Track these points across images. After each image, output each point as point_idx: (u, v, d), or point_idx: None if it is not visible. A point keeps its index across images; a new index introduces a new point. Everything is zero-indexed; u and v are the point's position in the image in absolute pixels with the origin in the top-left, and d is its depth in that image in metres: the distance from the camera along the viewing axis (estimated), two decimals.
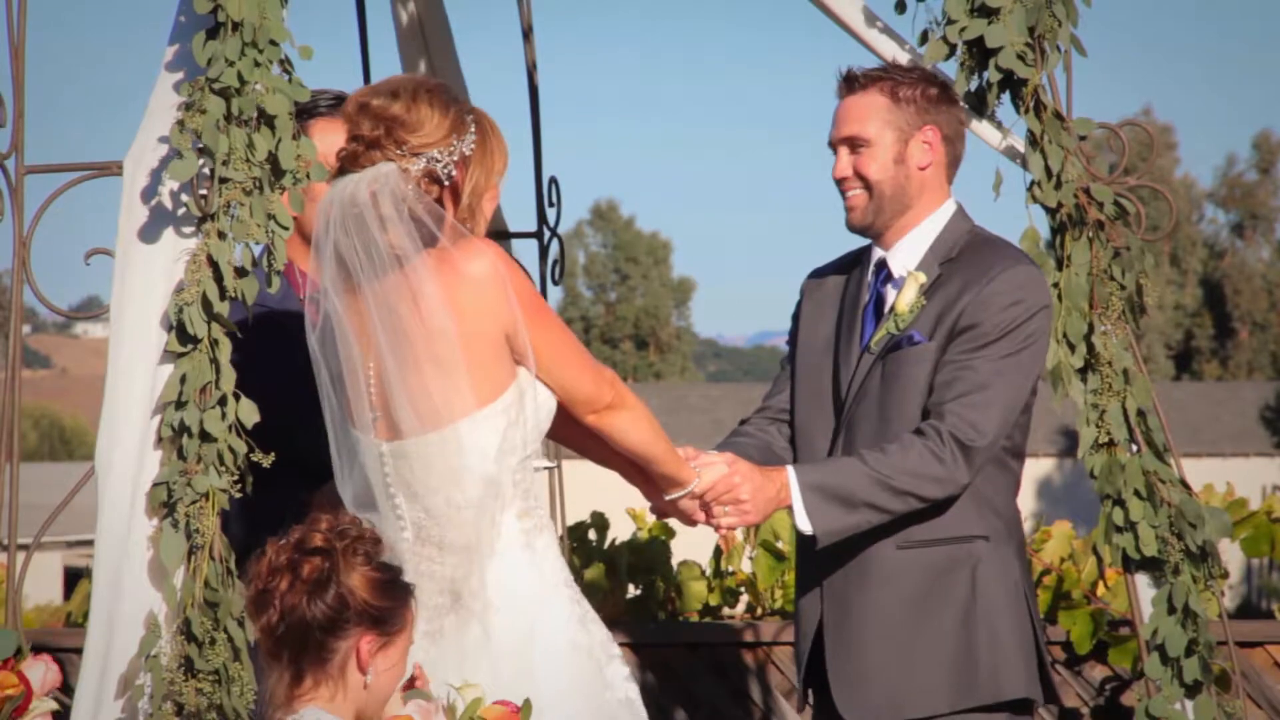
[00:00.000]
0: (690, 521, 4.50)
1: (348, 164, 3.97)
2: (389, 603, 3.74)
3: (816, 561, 4.55)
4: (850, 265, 4.75)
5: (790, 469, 4.44)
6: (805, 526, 4.42)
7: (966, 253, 4.55)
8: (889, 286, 4.60)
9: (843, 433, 4.57)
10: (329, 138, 4.41)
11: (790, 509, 4.43)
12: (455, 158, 3.95)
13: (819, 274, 4.81)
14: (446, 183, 3.95)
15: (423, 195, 3.91)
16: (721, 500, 4.40)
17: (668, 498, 4.39)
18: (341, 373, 3.96)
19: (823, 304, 4.74)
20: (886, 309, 4.57)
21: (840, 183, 4.61)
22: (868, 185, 4.57)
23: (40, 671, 4.40)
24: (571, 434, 4.31)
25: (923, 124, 4.56)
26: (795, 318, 4.80)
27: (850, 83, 4.61)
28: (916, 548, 4.49)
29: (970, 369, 4.44)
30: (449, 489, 3.93)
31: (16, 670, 4.37)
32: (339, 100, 4.84)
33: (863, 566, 4.51)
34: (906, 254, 4.59)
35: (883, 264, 4.62)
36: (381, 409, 3.94)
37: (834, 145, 4.63)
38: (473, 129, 3.98)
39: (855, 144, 4.57)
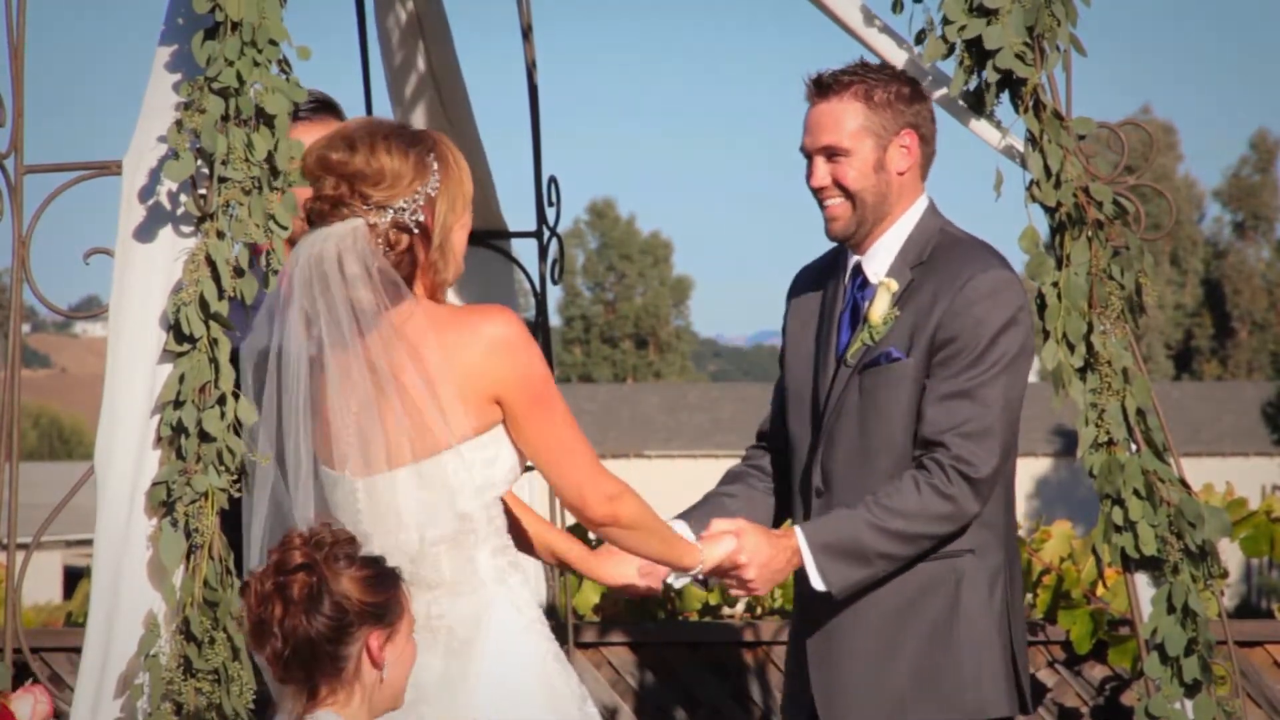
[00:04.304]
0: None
1: (315, 220, 3.90)
2: (383, 596, 3.73)
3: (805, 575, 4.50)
4: (829, 269, 4.67)
5: (799, 530, 4.38)
6: (820, 586, 4.36)
7: (938, 255, 4.47)
8: (865, 293, 4.52)
9: (822, 446, 4.50)
10: (305, 142, 4.37)
11: (804, 569, 4.37)
12: (421, 202, 3.88)
13: (800, 281, 4.74)
14: (416, 230, 3.88)
15: (387, 253, 3.85)
16: (726, 577, 4.34)
17: (672, 580, 4.36)
18: (311, 407, 3.89)
19: (806, 315, 4.66)
20: (861, 317, 4.50)
21: (818, 191, 4.52)
22: (849, 194, 4.48)
23: (28, 705, 4.32)
24: None
25: (900, 128, 4.47)
26: (784, 332, 4.74)
27: (822, 87, 4.50)
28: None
29: (966, 396, 4.36)
30: (424, 525, 3.88)
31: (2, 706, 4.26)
32: (319, 104, 4.78)
33: None
34: (880, 258, 4.51)
35: (858, 269, 4.55)
36: (359, 444, 3.88)
37: (808, 153, 4.54)
38: (435, 166, 3.89)
39: (832, 153, 4.48)
